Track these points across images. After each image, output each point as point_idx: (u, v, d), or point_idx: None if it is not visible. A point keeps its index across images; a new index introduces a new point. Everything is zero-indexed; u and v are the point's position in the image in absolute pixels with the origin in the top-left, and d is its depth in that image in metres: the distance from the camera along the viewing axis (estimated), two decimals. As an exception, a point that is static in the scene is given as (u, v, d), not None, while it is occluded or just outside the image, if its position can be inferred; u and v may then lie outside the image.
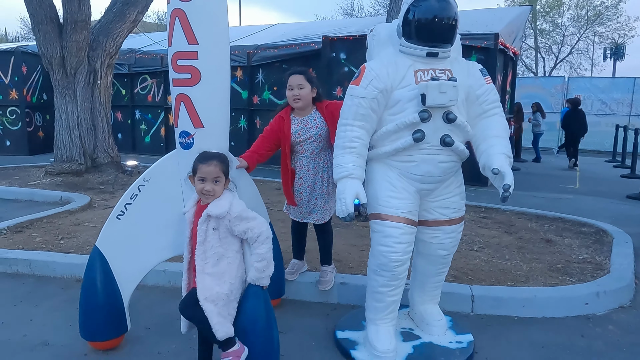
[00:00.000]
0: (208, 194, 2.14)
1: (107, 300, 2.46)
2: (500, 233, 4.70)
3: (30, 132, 11.23)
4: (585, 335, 2.81)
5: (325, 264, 3.22)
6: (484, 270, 3.59)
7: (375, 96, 2.29)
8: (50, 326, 2.82)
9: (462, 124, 2.30)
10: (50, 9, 6.73)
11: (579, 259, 3.93)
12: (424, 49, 2.29)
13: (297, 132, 2.96)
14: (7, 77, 11.05)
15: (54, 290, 3.35)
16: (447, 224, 2.48)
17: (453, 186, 2.47)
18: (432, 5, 2.24)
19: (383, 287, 2.42)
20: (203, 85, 2.26)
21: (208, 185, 2.14)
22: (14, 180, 7.14)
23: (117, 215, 2.46)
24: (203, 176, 2.14)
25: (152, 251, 2.53)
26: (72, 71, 7.05)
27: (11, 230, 4.45)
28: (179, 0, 2.18)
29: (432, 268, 2.61)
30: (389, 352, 2.39)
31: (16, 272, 3.64)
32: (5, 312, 3.01)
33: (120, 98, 11.45)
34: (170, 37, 2.27)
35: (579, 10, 24.21)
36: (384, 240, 2.35)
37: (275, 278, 2.90)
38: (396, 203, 2.35)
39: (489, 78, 2.39)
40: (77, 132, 7.23)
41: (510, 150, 2.33)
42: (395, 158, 2.36)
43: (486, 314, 3.04)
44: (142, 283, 3.32)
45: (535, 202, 6.52)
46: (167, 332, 2.77)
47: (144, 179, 2.45)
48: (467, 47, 7.69)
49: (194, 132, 2.31)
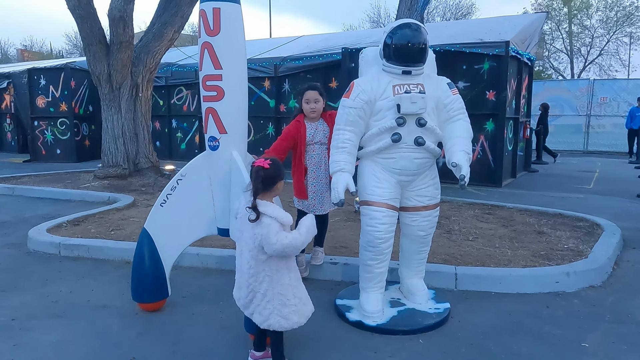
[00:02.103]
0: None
1: (152, 270, 3.12)
2: (498, 226, 5.16)
3: (78, 141, 12.28)
4: (550, 306, 3.28)
5: (318, 245, 3.86)
6: (473, 256, 4.08)
7: (361, 106, 2.88)
8: (108, 294, 3.52)
9: (432, 128, 2.85)
10: (99, 32, 7.62)
11: (564, 247, 4.37)
12: (400, 68, 2.86)
13: (311, 134, 3.58)
14: (57, 91, 12.15)
15: (108, 269, 4.07)
16: (423, 209, 3.04)
17: (428, 178, 3.02)
18: (405, 33, 2.83)
19: (370, 260, 2.98)
20: (226, 101, 2.89)
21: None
22: (67, 183, 8.04)
23: (161, 204, 3.12)
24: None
25: (188, 231, 3.18)
26: (117, 86, 7.91)
27: (70, 223, 5.24)
28: (207, 35, 2.82)
29: (414, 246, 3.16)
30: (376, 312, 2.95)
31: (77, 255, 4.38)
32: (72, 284, 3.73)
33: (158, 108, 12.36)
34: (201, 63, 2.91)
35: (608, 12, 24.00)
36: (370, 222, 2.92)
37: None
38: (380, 192, 2.91)
39: (456, 90, 2.95)
40: (121, 140, 8.08)
41: (470, 148, 2.86)
42: (379, 155, 2.93)
43: (467, 290, 3.55)
44: (179, 264, 4.02)
45: (543, 200, 6.86)
46: (199, 299, 3.42)
47: (181, 174, 3.11)
48: (479, 54, 8.12)
49: (220, 137, 2.94)
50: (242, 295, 2.45)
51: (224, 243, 4.29)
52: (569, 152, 15.90)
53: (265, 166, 2.36)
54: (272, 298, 2.35)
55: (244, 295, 2.44)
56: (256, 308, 2.39)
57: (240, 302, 2.49)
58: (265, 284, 2.35)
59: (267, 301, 2.35)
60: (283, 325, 2.36)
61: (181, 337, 2.87)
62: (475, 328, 2.97)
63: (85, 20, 7.39)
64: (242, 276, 2.44)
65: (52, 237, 4.59)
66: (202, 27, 2.84)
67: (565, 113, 16.62)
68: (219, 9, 2.78)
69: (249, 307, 2.43)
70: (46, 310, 3.26)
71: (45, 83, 12.20)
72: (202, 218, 3.14)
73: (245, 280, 2.40)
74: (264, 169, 2.36)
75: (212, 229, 3.17)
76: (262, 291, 2.36)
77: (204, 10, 2.80)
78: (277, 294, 2.35)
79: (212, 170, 3.06)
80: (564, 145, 16.41)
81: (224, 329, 2.97)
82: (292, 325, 2.38)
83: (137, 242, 3.16)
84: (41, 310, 3.25)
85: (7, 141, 14.65)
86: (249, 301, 2.42)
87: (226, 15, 2.79)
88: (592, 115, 16.18)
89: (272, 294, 2.35)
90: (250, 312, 2.43)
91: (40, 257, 4.42)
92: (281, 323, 2.35)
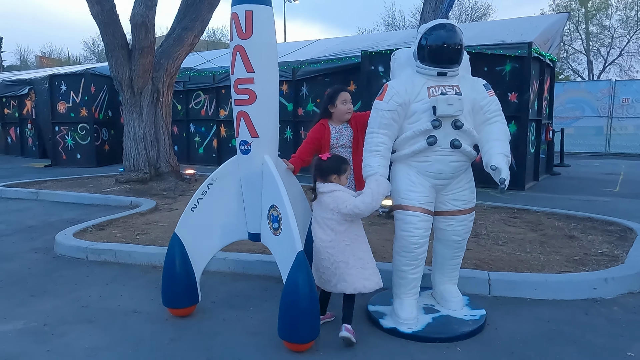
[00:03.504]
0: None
1: (183, 275, 3.10)
2: (526, 230, 5.05)
3: (98, 145, 12.40)
4: (589, 313, 3.19)
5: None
6: (504, 261, 3.99)
7: (395, 109, 2.83)
8: (137, 299, 3.51)
9: (468, 130, 2.79)
10: (122, 38, 7.69)
11: (598, 252, 4.25)
12: (435, 69, 2.80)
13: (335, 137, 3.54)
14: (78, 97, 12.29)
15: (136, 274, 4.06)
16: (459, 213, 2.97)
17: (463, 182, 2.95)
18: (441, 34, 2.77)
19: (405, 266, 2.92)
20: (258, 104, 2.86)
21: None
22: (89, 188, 8.11)
23: (191, 208, 3.10)
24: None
25: (218, 236, 3.16)
26: (139, 91, 7.97)
27: (95, 228, 5.26)
28: (239, 38, 2.80)
29: (449, 252, 3.09)
30: (411, 319, 2.89)
31: (104, 260, 4.39)
32: (101, 289, 3.73)
33: (176, 113, 12.43)
34: (232, 66, 2.89)
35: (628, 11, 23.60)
36: (405, 227, 2.86)
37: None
38: (414, 196, 2.85)
39: (492, 91, 2.88)
40: (142, 145, 8.13)
41: (509, 150, 2.79)
42: (414, 159, 2.87)
43: (501, 296, 3.46)
44: (207, 269, 3.98)
45: (569, 204, 6.73)
46: (228, 305, 3.39)
47: (212, 178, 3.08)
48: (501, 56, 8.01)
49: (251, 140, 2.91)
50: (325, 272, 2.80)
51: (250, 248, 4.27)
52: (590, 155, 15.64)
53: (323, 158, 2.90)
54: (354, 264, 2.73)
55: (327, 272, 2.78)
56: (341, 276, 2.74)
57: (321, 280, 2.84)
58: (347, 252, 2.74)
59: (350, 267, 2.72)
60: (367, 286, 2.73)
61: (214, 343, 2.84)
62: (513, 336, 2.89)
63: (108, 27, 7.46)
64: (320, 257, 2.82)
65: (79, 242, 4.61)
66: (234, 30, 2.83)
67: (586, 115, 16.32)
68: (251, 11, 2.76)
69: (332, 280, 2.78)
70: (77, 315, 3.25)
71: (66, 89, 12.36)
72: (233, 223, 3.12)
73: (327, 257, 2.77)
74: (322, 160, 2.89)
75: (243, 233, 3.15)
76: (344, 259, 2.73)
77: (236, 13, 2.78)
78: (358, 259, 2.74)
79: (243, 174, 3.03)
80: (585, 148, 16.14)
81: (257, 335, 2.93)
82: (374, 286, 2.76)
83: (168, 246, 3.14)
84: (72, 315, 3.25)
85: (28, 146, 14.87)
86: (331, 274, 2.77)
87: (258, 18, 2.77)
88: (613, 116, 15.86)
89: (353, 260, 2.73)
90: (334, 284, 2.77)
91: (67, 261, 4.44)
92: (365, 284, 2.73)
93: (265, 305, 3.36)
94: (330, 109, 3.53)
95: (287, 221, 2.70)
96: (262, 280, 3.85)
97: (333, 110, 3.52)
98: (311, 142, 3.54)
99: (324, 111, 3.59)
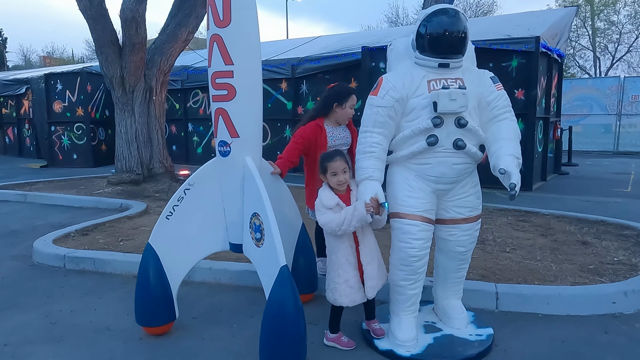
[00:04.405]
0: (341, 183, 2.59)
1: (158, 290, 2.80)
2: (536, 236, 4.73)
3: (95, 145, 12.16)
4: (608, 331, 2.87)
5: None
6: (513, 270, 3.68)
7: (391, 105, 2.51)
8: (111, 314, 3.22)
9: (474, 129, 2.47)
10: (112, 34, 7.40)
11: (614, 260, 3.93)
12: (436, 61, 2.49)
13: (332, 139, 3.25)
14: (74, 96, 12.05)
15: (115, 284, 3.77)
16: (463, 222, 2.65)
17: (468, 186, 2.64)
18: (442, 20, 2.45)
19: (403, 280, 2.61)
20: (238, 100, 2.56)
21: (340, 176, 2.57)
22: (80, 189, 7.84)
23: (167, 216, 2.80)
24: (334, 170, 2.58)
25: (197, 247, 2.86)
26: (131, 89, 7.69)
27: (78, 233, 4.98)
28: (216, 27, 2.50)
29: (452, 264, 2.78)
30: (409, 340, 2.58)
31: (83, 269, 4.11)
32: (75, 302, 3.44)
33: (174, 112, 12.18)
34: (210, 58, 2.59)
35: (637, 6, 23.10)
36: (403, 237, 2.55)
37: (307, 274, 3.17)
38: (413, 202, 2.54)
39: (500, 85, 2.56)
40: (135, 145, 7.85)
41: (519, 151, 2.47)
42: (412, 161, 2.56)
43: (510, 311, 3.15)
44: (190, 279, 3.71)
45: (579, 205, 6.41)
46: (211, 321, 3.09)
47: (189, 183, 2.79)
48: (507, 51, 7.69)
49: (231, 141, 2.61)
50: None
51: (238, 256, 3.94)
52: (598, 153, 15.25)
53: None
54: (329, 271, 2.67)
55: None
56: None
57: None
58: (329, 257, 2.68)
59: (328, 273, 2.68)
60: (329, 297, 2.65)
61: (189, 367, 2.55)
62: (525, 359, 2.57)
63: (97, 22, 7.17)
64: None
65: (57, 249, 4.33)
66: (210, 18, 2.53)
67: (594, 112, 15.92)
68: (229, -4, 2.45)
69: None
70: (44, 333, 2.96)
71: (62, 88, 12.12)
72: (213, 232, 2.82)
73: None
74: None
75: (223, 244, 2.86)
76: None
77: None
78: (330, 270, 2.66)
79: (223, 178, 2.73)
80: (593, 146, 15.75)
81: (239, 357, 2.63)
82: (335, 302, 2.62)
83: (141, 259, 2.84)
84: (39, 333, 2.96)
85: (26, 147, 14.66)
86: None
87: (237, 3, 2.47)
88: (622, 114, 15.45)
89: (329, 267, 2.67)
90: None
91: (44, 270, 4.15)
92: (329, 295, 2.65)
93: (251, 321, 3.06)
94: (336, 109, 3.24)
95: (270, 231, 2.40)
96: (251, 292, 3.56)
97: (338, 111, 3.23)
98: (301, 144, 3.25)
99: (325, 107, 3.28)
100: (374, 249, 2.69)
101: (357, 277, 2.61)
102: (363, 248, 2.63)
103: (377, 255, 2.70)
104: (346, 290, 2.58)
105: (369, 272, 2.62)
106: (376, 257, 2.68)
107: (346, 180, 2.62)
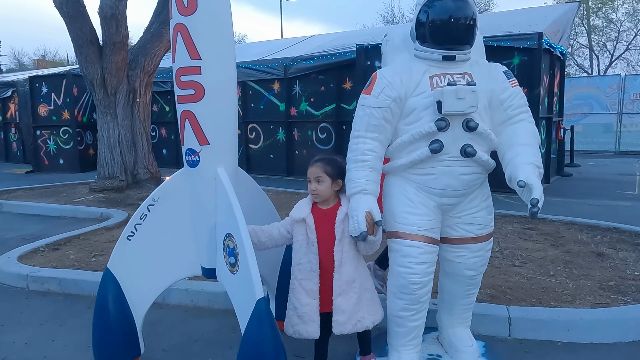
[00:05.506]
0: (313, 193, 2.22)
1: (119, 322, 2.40)
2: (546, 246, 4.35)
3: (82, 150, 11.73)
4: (640, 364, 2.50)
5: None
6: (525, 289, 3.30)
7: (387, 105, 2.13)
8: (70, 347, 2.82)
9: (485, 132, 2.09)
10: (91, 33, 6.99)
11: (635, 275, 3.56)
12: (440, 52, 2.11)
13: None
14: (60, 99, 11.63)
15: (81, 308, 3.37)
16: (473, 241, 2.27)
17: (478, 200, 2.25)
18: (447, 4, 2.07)
19: (403, 311, 2.23)
20: (207, 101, 2.18)
21: (312, 185, 2.22)
22: (60, 197, 7.43)
23: (128, 237, 2.41)
24: (309, 177, 2.24)
25: (164, 272, 2.47)
26: (113, 91, 7.28)
27: (49, 247, 4.57)
28: (180, 14, 2.12)
29: (460, 289, 2.40)
30: (411, 382, 2.20)
31: (47, 290, 3.70)
32: (31, 331, 3.04)
33: (164, 115, 11.78)
34: (173, 53, 2.21)
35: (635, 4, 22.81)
36: (402, 261, 2.17)
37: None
38: (414, 220, 2.16)
39: (515, 80, 2.18)
40: (118, 150, 7.44)
41: (540, 159, 2.10)
42: (413, 171, 2.18)
43: (525, 339, 2.76)
44: (165, 301, 3.32)
45: (588, 210, 6.07)
46: (184, 354, 2.70)
47: (152, 198, 2.39)
48: (509, 48, 7.35)
49: (200, 149, 2.23)
50: None
51: (220, 274, 3.57)
52: (599, 153, 14.96)
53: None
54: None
55: None
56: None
57: None
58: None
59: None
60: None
61: (152, 417, 2.16)
62: (547, 401, 2.20)
63: (74, 20, 6.77)
64: None
65: (20, 267, 3.92)
66: (173, 5, 2.14)
67: (594, 111, 15.61)
68: (194, -22, 2.07)
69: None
70: (-11, 372, 2.57)
71: (47, 91, 11.70)
72: (182, 255, 2.43)
73: None
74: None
75: (194, 268, 2.46)
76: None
77: (175, -20, 2.09)
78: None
79: (192, 192, 2.35)
80: (594, 146, 15.47)
81: (210, 403, 2.25)
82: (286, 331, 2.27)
83: (99, 286, 2.44)
84: (-17, 372, 2.57)
85: (12, 151, 14.23)
86: None
87: (204, -14, 2.08)
88: (623, 113, 15.15)
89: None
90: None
91: (5, 291, 3.74)
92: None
93: (229, 354, 2.67)
94: None
95: (245, 257, 2.01)
96: (231, 316, 3.08)
97: None
98: None
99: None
100: (355, 279, 2.21)
101: (312, 307, 2.19)
102: (338, 277, 2.19)
103: (358, 286, 2.23)
104: (293, 318, 2.24)
105: (339, 305, 2.18)
106: (356, 289, 2.22)
107: (318, 191, 2.21)
